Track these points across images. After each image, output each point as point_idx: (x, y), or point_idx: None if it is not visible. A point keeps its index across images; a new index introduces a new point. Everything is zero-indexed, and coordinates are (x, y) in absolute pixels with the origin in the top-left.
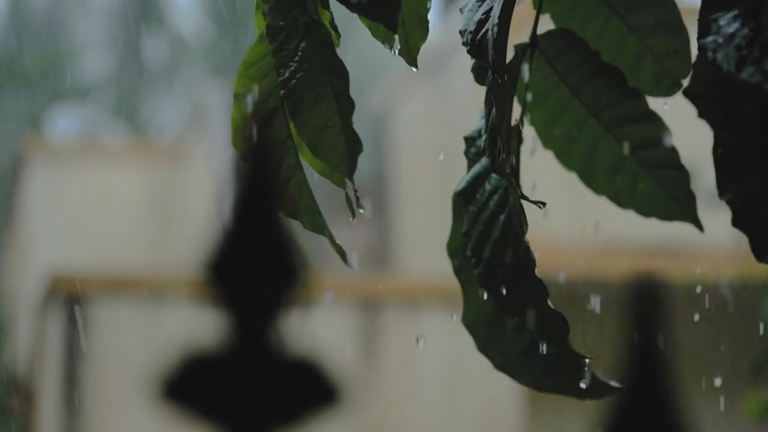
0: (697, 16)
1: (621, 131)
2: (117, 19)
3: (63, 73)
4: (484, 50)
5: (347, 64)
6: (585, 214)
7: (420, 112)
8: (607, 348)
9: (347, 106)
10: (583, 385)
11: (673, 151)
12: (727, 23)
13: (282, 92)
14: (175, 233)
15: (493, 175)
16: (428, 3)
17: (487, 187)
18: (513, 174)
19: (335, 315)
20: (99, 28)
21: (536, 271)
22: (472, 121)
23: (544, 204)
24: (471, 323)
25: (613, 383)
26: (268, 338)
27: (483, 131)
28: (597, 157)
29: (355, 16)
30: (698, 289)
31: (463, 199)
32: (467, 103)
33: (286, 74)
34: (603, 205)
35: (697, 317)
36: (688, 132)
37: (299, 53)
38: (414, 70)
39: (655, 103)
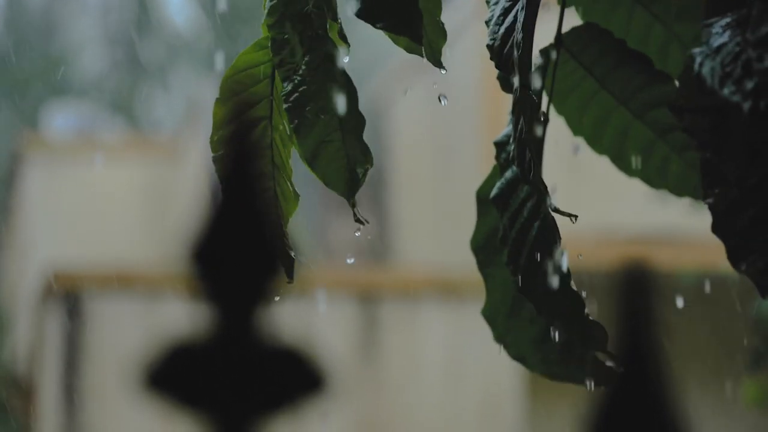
0: None
1: (651, 116)
2: (113, 16)
3: (59, 70)
4: (512, 66)
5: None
6: (578, 204)
7: (417, 105)
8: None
9: (355, 121)
10: (590, 375)
11: None
12: (719, 33)
13: (285, 106)
14: (172, 229)
15: None
16: (441, 7)
17: (521, 194)
18: (543, 185)
19: (333, 308)
20: (95, 25)
21: (571, 282)
22: (468, 115)
23: (576, 216)
24: (489, 315)
25: (610, 364)
26: (254, 327)
27: (511, 140)
28: (628, 142)
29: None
30: (691, 278)
31: (496, 205)
32: (463, 97)
33: (289, 87)
34: (595, 195)
35: (690, 306)
36: None
37: (303, 67)
38: (442, 72)
39: None
